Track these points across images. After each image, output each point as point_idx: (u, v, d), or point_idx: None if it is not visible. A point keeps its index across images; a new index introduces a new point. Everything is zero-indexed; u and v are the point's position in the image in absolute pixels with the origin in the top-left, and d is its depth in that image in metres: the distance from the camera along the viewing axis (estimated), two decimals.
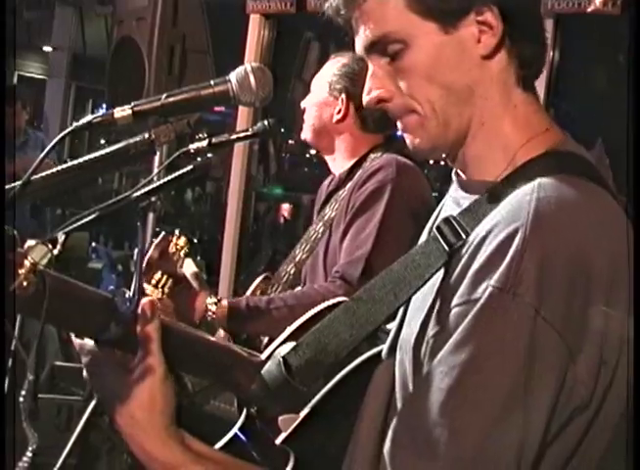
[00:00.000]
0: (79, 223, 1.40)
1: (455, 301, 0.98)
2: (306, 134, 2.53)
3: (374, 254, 2.24)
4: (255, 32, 4.31)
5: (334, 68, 2.48)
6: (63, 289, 1.08)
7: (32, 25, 5.63)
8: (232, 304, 2.22)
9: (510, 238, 0.96)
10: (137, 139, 1.19)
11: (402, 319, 1.18)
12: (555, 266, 0.94)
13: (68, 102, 6.06)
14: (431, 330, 1.03)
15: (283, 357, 1.11)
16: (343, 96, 2.44)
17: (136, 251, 1.15)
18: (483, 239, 0.99)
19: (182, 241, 2.16)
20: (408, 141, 1.16)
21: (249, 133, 2.13)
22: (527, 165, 1.08)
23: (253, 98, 1.19)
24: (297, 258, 2.50)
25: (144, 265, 2.10)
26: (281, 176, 8.04)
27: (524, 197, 1.00)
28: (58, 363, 4.05)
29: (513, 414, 0.93)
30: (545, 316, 0.93)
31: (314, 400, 1.19)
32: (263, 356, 1.23)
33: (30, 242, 1.05)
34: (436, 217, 1.26)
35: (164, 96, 1.18)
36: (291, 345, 1.13)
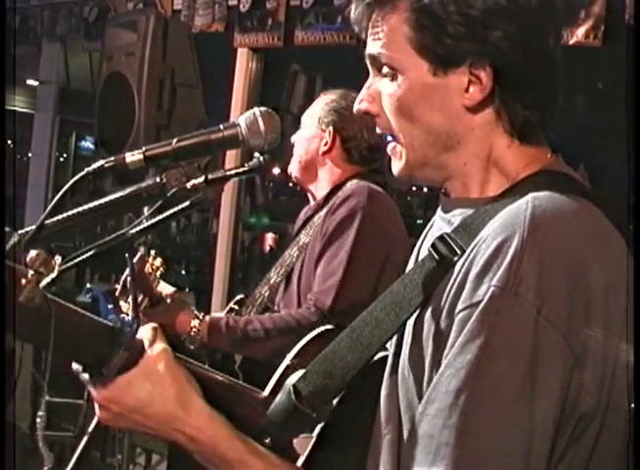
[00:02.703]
0: (78, 260, 1.42)
1: (459, 307, 1.01)
2: (293, 167, 2.59)
3: (345, 282, 2.30)
4: (243, 66, 4.35)
5: (322, 103, 2.55)
6: (68, 317, 1.11)
7: (16, 60, 5.65)
8: (213, 321, 2.29)
9: (508, 240, 0.99)
10: (149, 183, 1.21)
11: (399, 339, 1.19)
12: (554, 270, 0.97)
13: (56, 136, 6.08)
14: (431, 342, 1.05)
15: (293, 386, 1.13)
16: (331, 129, 2.51)
17: (129, 279, 1.19)
18: (481, 244, 1.02)
19: (158, 261, 2.21)
20: (392, 164, 1.20)
21: (245, 169, 2.16)
22: (521, 182, 1.11)
23: (263, 142, 1.22)
24: (272, 281, 2.55)
25: (120, 286, 2.16)
26: (266, 206, 8.06)
27: (519, 207, 1.03)
28: (49, 399, 4.01)
29: (521, 412, 0.95)
30: (547, 317, 0.95)
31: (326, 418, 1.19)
32: (265, 392, 1.25)
33: (32, 252, 1.08)
34: (424, 238, 1.29)
35: (175, 141, 1.21)
36: (300, 372, 1.15)
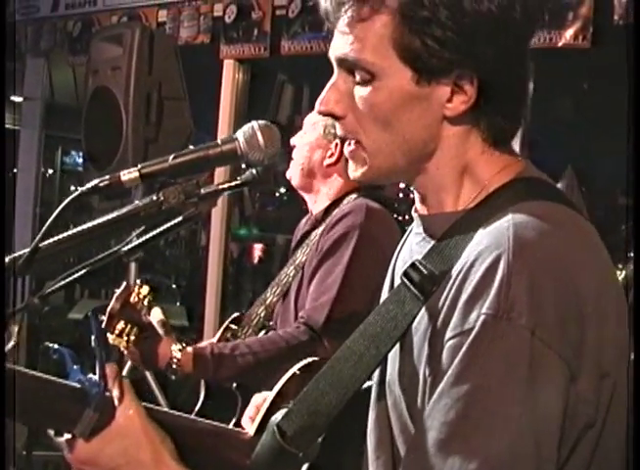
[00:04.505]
0: (70, 279, 1.38)
1: (448, 334, 0.98)
2: (293, 173, 2.53)
3: (339, 299, 2.24)
4: (230, 77, 4.33)
5: None
6: (33, 385, 1.09)
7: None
8: (197, 350, 2.21)
9: (494, 264, 0.97)
10: (146, 201, 1.18)
11: (383, 367, 1.17)
12: (544, 288, 0.95)
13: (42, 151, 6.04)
14: (426, 368, 1.03)
15: (277, 425, 1.10)
16: (338, 141, 2.44)
17: (93, 337, 1.18)
18: (469, 270, 0.99)
19: (145, 290, 2.15)
20: (349, 166, 1.17)
21: (238, 183, 2.12)
22: (496, 194, 1.09)
23: (262, 156, 1.18)
24: (268, 301, 2.50)
25: (106, 316, 2.09)
26: (254, 217, 8.03)
27: (501, 225, 1.01)
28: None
29: (524, 435, 0.93)
30: (542, 338, 0.93)
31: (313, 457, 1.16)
32: (251, 431, 1.23)
33: None
34: (399, 253, 1.27)
35: (172, 157, 1.17)
36: (283, 411, 1.13)
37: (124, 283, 2.15)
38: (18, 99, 5.79)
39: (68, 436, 1.11)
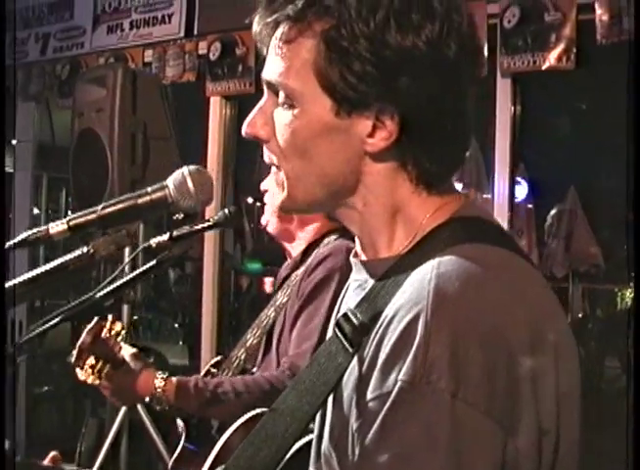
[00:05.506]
0: (46, 327, 1.36)
1: (369, 395, 0.93)
2: (269, 218, 2.46)
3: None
4: (217, 114, 4.33)
5: None
6: None
7: None
8: (180, 381, 2.18)
9: (412, 324, 0.91)
10: (76, 254, 1.14)
11: (322, 420, 1.13)
12: (466, 345, 0.89)
13: (38, 193, 6.06)
14: (353, 423, 0.98)
15: None
16: None
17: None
18: (387, 327, 0.94)
19: (118, 326, 2.11)
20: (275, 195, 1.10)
21: (210, 224, 2.08)
22: (430, 236, 1.02)
23: (194, 202, 1.15)
24: (248, 344, 2.44)
25: (76, 351, 2.05)
26: (259, 251, 7.99)
27: (424, 276, 0.95)
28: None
29: None
30: (465, 399, 0.88)
31: None
32: None
33: None
34: (341, 303, 1.23)
35: (100, 207, 1.14)
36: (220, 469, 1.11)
37: (95, 319, 2.11)
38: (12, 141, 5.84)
39: None
